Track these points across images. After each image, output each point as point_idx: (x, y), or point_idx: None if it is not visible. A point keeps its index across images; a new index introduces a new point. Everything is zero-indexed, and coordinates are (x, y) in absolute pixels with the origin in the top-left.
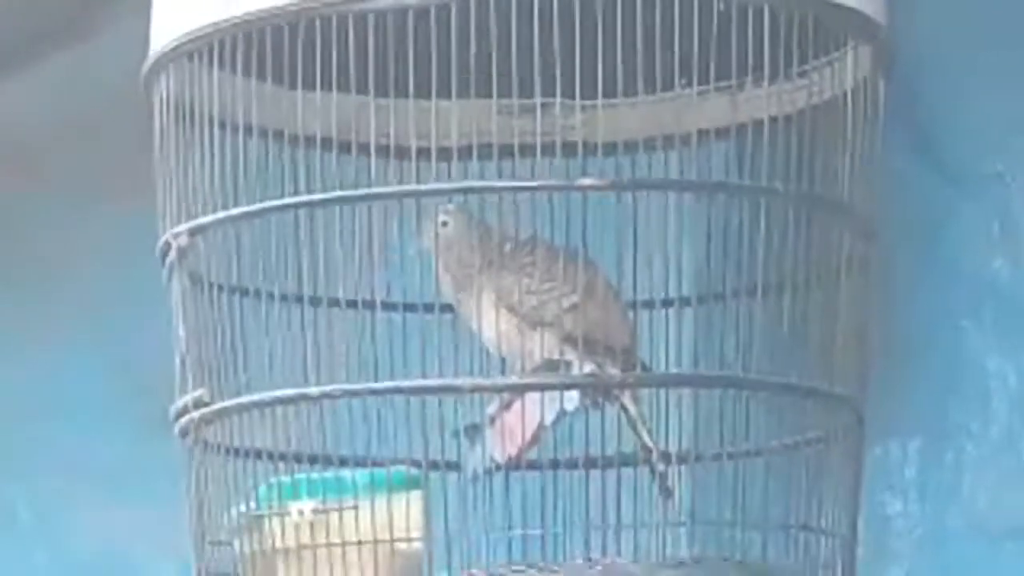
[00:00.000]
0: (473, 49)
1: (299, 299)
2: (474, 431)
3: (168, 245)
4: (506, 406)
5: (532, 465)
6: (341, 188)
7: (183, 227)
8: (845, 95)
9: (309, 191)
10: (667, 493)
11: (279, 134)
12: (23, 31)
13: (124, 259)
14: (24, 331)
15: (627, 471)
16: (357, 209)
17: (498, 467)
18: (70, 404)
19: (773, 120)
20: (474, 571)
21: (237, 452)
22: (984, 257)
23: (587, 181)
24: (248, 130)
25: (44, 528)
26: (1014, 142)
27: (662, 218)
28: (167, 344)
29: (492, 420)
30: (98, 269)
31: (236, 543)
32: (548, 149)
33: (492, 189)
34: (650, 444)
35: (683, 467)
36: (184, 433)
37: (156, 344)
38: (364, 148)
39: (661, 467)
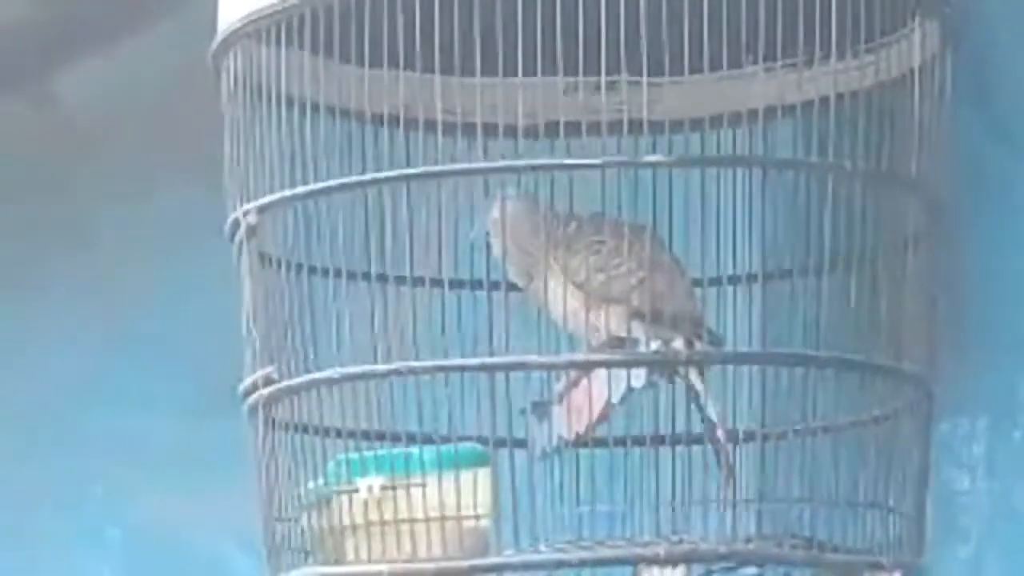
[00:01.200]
0: (539, 26)
1: (367, 277)
2: (542, 408)
3: (237, 223)
4: (573, 383)
5: (600, 442)
6: (409, 166)
7: (252, 205)
8: (913, 71)
9: (377, 169)
10: (729, 470)
11: (346, 112)
12: (91, 16)
13: (185, 244)
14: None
15: (696, 448)
16: (425, 187)
17: (566, 444)
18: (137, 391)
19: (840, 97)
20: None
21: (306, 429)
22: None
23: (654, 157)
24: (315, 108)
25: (115, 506)
26: None
27: (729, 195)
28: (231, 331)
29: (560, 397)
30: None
31: (304, 519)
32: (615, 127)
33: (560, 166)
34: (713, 418)
35: (750, 444)
36: (253, 411)
37: (220, 330)
38: (431, 126)
39: (721, 440)
